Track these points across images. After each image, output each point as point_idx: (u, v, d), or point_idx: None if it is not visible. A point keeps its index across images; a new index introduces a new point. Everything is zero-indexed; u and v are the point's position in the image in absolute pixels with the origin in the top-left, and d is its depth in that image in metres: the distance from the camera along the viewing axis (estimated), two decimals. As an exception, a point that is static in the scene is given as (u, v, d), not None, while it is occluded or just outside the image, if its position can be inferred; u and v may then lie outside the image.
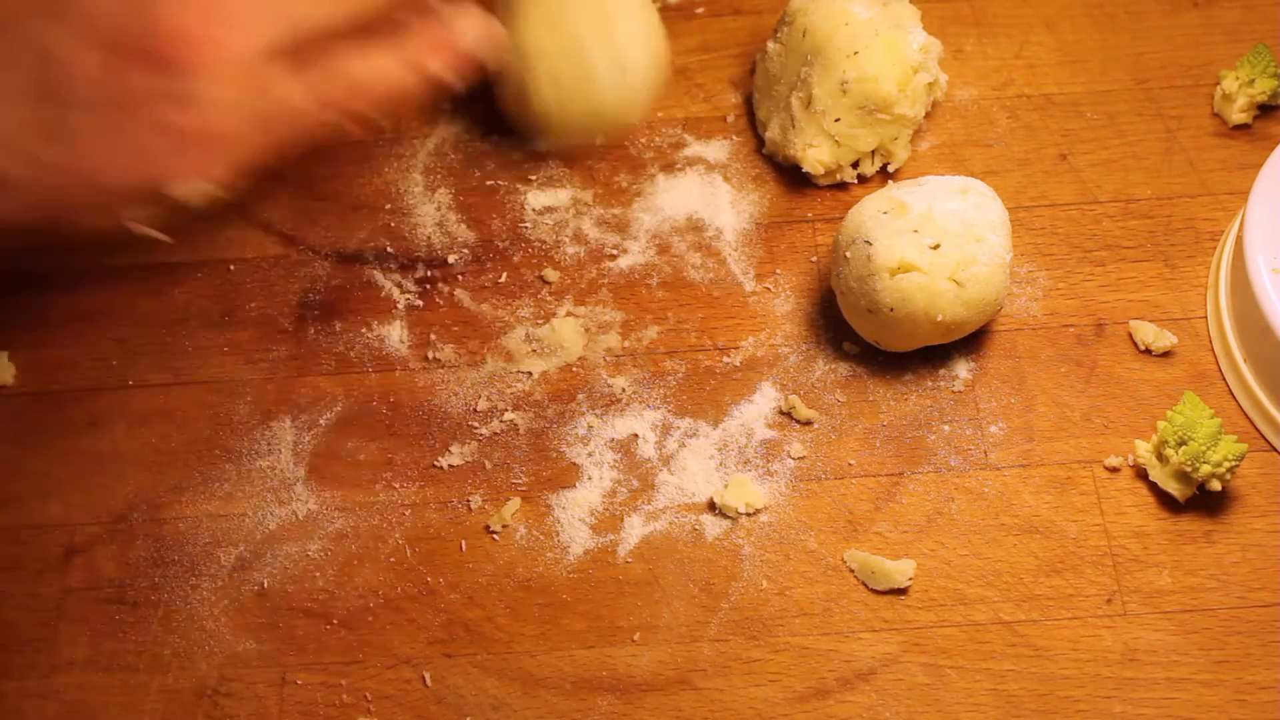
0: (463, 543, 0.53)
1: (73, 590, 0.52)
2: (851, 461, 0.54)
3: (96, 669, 0.51)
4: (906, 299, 0.52)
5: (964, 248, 0.52)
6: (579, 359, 0.57)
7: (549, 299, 0.59)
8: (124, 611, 0.52)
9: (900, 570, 0.51)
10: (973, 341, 0.56)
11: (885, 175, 0.61)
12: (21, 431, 0.56)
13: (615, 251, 0.60)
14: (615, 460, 0.54)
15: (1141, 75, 0.64)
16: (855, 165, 0.61)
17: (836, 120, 0.58)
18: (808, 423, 0.55)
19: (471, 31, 0.48)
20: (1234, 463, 0.51)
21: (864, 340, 0.56)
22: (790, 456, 0.54)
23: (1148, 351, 0.56)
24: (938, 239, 0.52)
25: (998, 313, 0.56)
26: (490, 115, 0.65)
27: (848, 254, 0.54)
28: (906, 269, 0.52)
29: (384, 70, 0.46)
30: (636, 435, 0.55)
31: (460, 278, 0.59)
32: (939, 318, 0.53)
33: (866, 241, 0.53)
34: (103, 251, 0.61)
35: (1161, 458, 0.52)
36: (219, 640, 0.51)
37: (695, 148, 0.63)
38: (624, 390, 0.56)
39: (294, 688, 0.50)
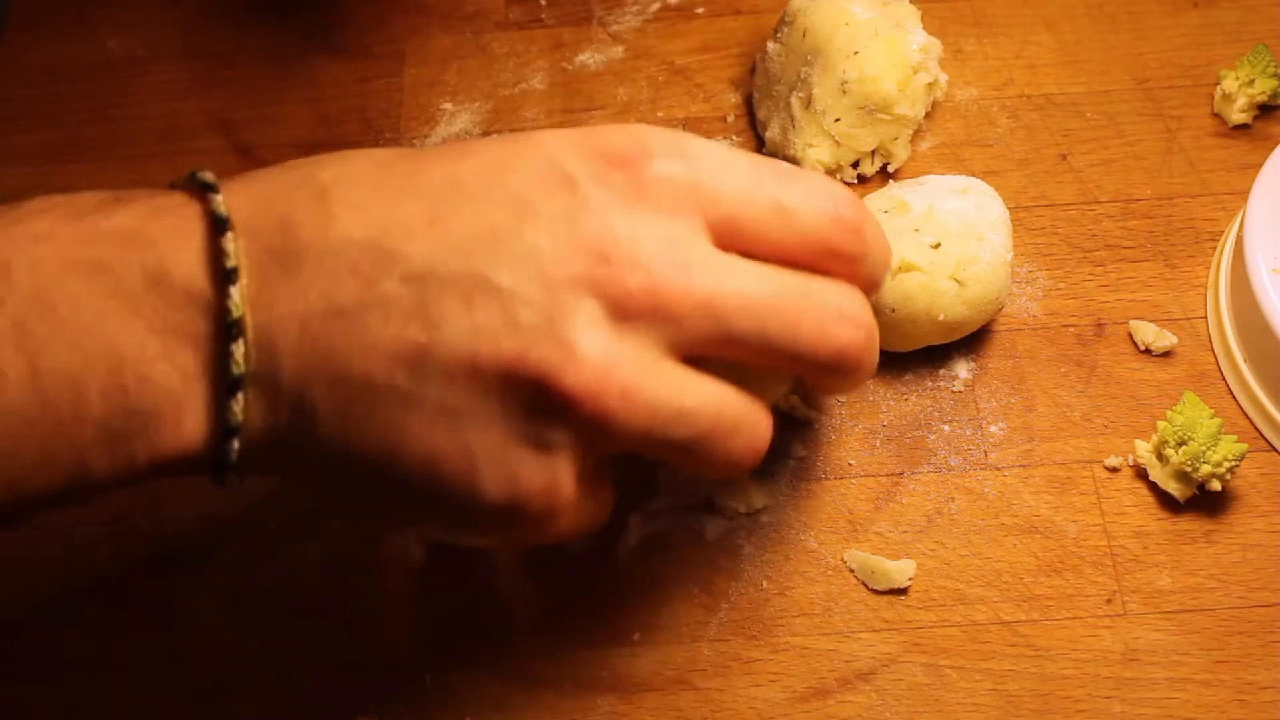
0: (463, 543, 0.53)
1: (73, 590, 0.52)
2: (851, 461, 0.54)
3: (97, 670, 0.51)
4: (908, 299, 0.52)
5: (965, 247, 0.52)
6: (579, 359, 0.57)
7: (549, 299, 0.59)
8: (124, 611, 0.52)
9: (900, 570, 0.51)
10: (973, 341, 0.56)
11: (885, 175, 0.61)
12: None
13: (615, 251, 0.60)
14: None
15: (1141, 75, 0.64)
16: (855, 165, 0.61)
17: (836, 120, 0.58)
18: (808, 423, 0.55)
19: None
20: (1234, 463, 0.51)
21: (864, 340, 0.56)
22: (790, 456, 0.54)
23: (1148, 351, 0.56)
24: (939, 238, 0.52)
25: (999, 312, 0.56)
26: (492, 115, 0.65)
27: (848, 254, 0.54)
28: (907, 269, 0.52)
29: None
30: (636, 435, 0.55)
31: (460, 278, 0.59)
32: (941, 317, 0.53)
33: None
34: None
35: (1161, 458, 0.52)
36: (219, 640, 0.51)
37: (695, 148, 0.63)
38: (624, 390, 0.56)
39: (294, 688, 0.50)
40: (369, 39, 0.68)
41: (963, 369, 0.56)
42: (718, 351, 0.39)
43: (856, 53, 0.58)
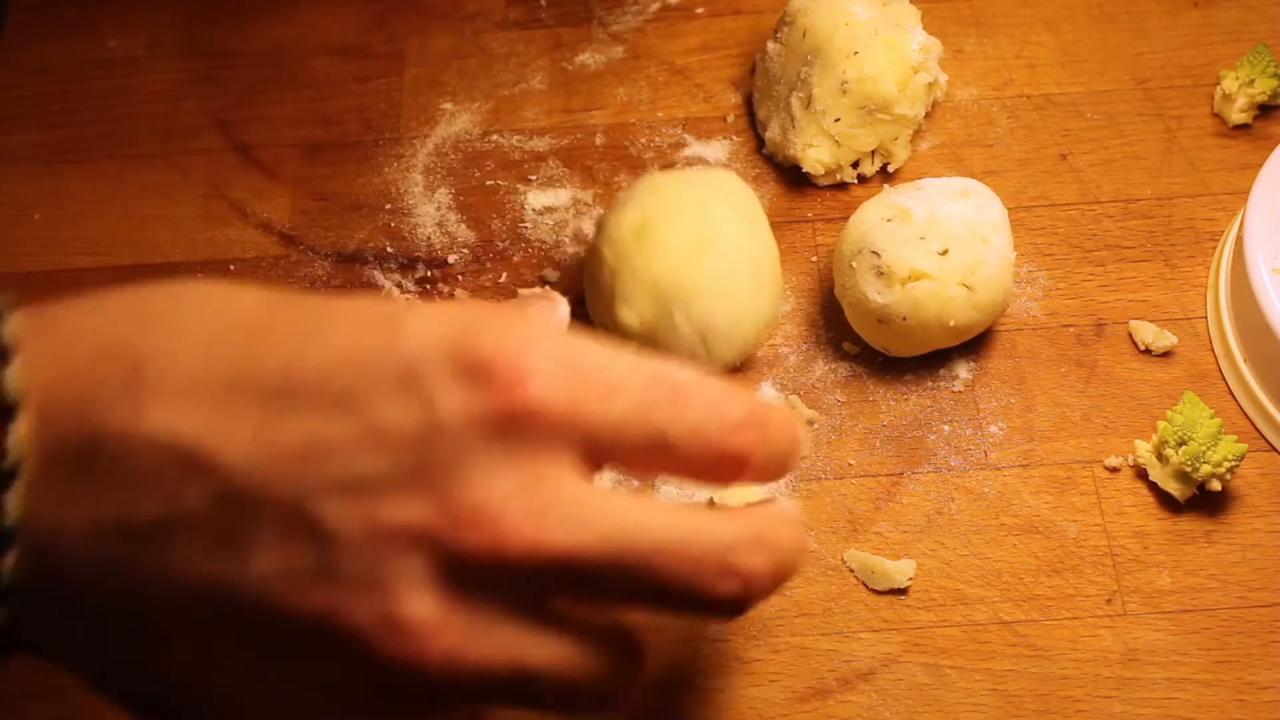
0: (463, 543, 0.53)
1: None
2: (851, 461, 0.54)
3: (96, 669, 0.51)
4: (919, 306, 0.52)
5: (971, 250, 0.52)
6: (579, 359, 0.57)
7: (549, 299, 0.59)
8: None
9: (900, 570, 0.51)
10: (973, 342, 0.56)
11: (885, 175, 0.61)
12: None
13: (615, 251, 0.60)
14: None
15: (1141, 75, 0.64)
16: (855, 165, 0.61)
17: (836, 120, 0.58)
18: (808, 423, 0.55)
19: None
20: (1234, 463, 0.51)
21: (864, 341, 0.56)
22: (790, 456, 0.54)
23: (1148, 351, 0.56)
24: (945, 244, 0.52)
25: (1003, 312, 0.56)
26: (492, 115, 0.65)
27: (853, 264, 0.54)
28: (917, 277, 0.52)
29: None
30: (636, 435, 0.55)
31: (460, 278, 0.59)
32: (951, 323, 0.53)
33: (874, 252, 0.53)
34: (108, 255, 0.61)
35: (1161, 458, 0.52)
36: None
37: (695, 148, 0.63)
38: (624, 390, 0.56)
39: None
40: (369, 39, 0.68)
41: (963, 369, 0.56)
42: (582, 599, 0.34)
43: (856, 53, 0.58)
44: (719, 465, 0.35)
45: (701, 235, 0.52)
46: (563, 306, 0.44)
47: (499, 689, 0.33)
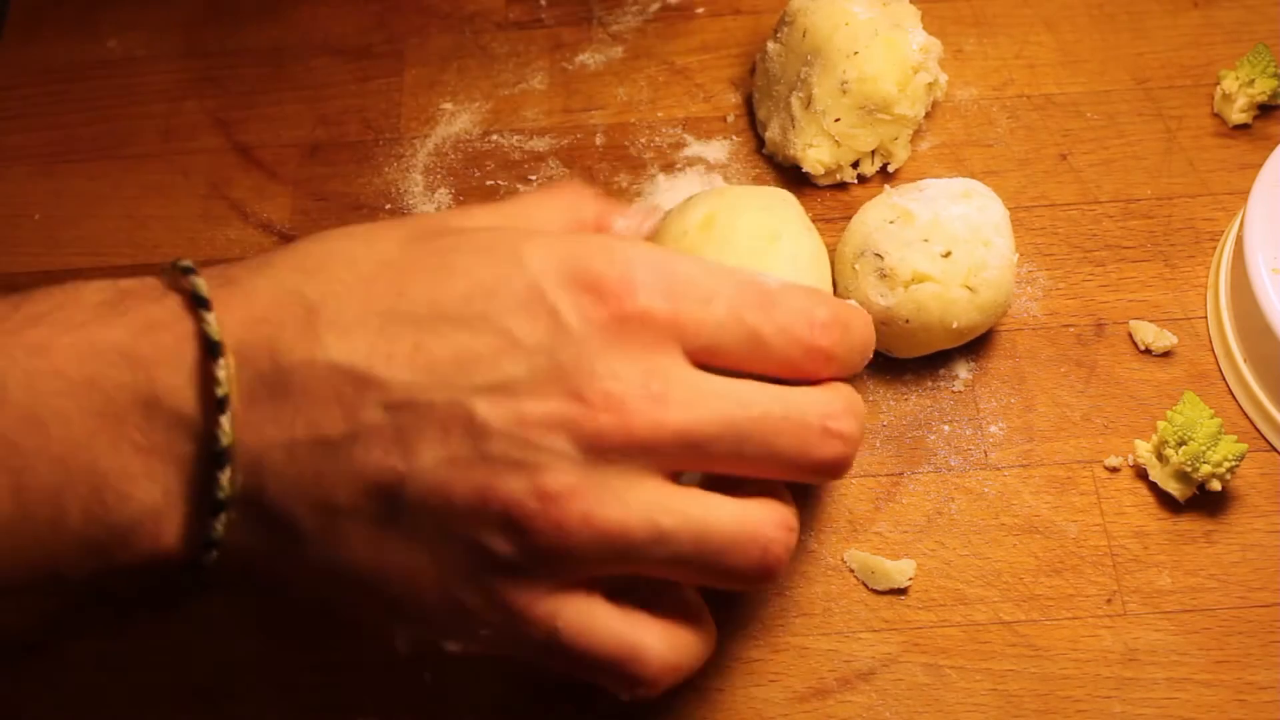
0: (463, 543, 0.53)
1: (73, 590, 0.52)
2: (851, 461, 0.54)
3: (97, 669, 0.51)
4: (922, 309, 0.52)
5: (974, 253, 0.52)
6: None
7: (549, 299, 0.58)
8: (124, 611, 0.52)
9: (900, 570, 0.51)
10: (973, 342, 0.56)
11: (885, 175, 0.61)
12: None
13: (615, 251, 0.60)
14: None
15: (1141, 75, 0.64)
16: (855, 165, 0.61)
17: (836, 120, 0.58)
18: (808, 423, 0.55)
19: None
20: (1234, 463, 0.51)
21: (864, 340, 0.56)
22: (790, 456, 0.54)
23: (1148, 351, 0.56)
24: (948, 246, 0.52)
25: (1005, 313, 0.56)
26: (492, 115, 0.65)
27: (856, 266, 0.54)
28: (920, 279, 0.52)
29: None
30: (636, 435, 0.55)
31: (460, 278, 0.59)
32: (954, 324, 0.53)
33: (877, 254, 0.53)
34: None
35: (1161, 458, 0.52)
36: (219, 640, 0.51)
37: (695, 148, 0.63)
38: (624, 390, 0.56)
39: (294, 688, 0.50)
40: (369, 39, 0.68)
41: (963, 369, 0.56)
42: (700, 470, 0.39)
43: (856, 53, 0.58)
44: (807, 360, 0.40)
45: (771, 230, 0.52)
46: (659, 213, 0.48)
47: (640, 549, 0.38)
